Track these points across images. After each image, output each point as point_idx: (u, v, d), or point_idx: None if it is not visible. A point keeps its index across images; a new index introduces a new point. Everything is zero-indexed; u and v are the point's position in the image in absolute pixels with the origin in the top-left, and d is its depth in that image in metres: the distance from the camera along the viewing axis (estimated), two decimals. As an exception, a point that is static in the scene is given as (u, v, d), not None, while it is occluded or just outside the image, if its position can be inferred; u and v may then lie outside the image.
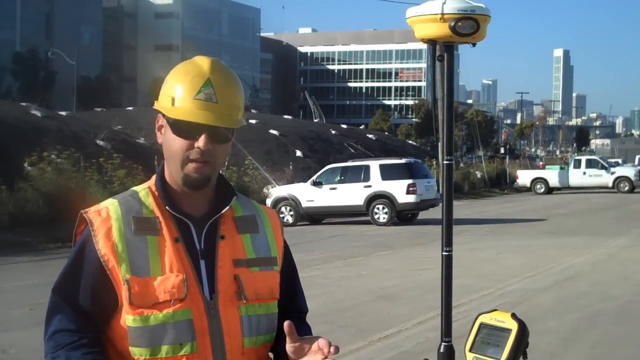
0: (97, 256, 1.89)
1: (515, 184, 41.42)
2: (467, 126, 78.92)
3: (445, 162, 2.31)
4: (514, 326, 2.05)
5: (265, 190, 25.90)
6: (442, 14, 2.17)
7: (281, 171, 30.65)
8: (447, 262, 2.29)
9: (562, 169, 40.37)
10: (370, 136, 51.49)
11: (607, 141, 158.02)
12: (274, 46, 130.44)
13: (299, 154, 37.75)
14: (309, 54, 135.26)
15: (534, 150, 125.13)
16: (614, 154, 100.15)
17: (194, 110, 1.89)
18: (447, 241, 2.29)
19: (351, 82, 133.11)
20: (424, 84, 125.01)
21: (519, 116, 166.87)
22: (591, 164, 38.75)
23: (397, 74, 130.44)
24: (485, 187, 41.35)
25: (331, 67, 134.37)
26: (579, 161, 39.59)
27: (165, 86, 1.97)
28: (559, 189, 39.10)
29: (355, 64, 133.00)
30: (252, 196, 22.29)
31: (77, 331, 1.87)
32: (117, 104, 70.31)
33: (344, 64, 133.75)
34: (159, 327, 1.86)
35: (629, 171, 39.25)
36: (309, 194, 22.76)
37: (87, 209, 1.97)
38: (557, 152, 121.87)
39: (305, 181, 24.40)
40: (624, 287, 10.99)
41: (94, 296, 1.89)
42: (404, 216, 22.78)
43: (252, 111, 51.72)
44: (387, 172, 22.28)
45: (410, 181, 21.99)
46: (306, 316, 2.17)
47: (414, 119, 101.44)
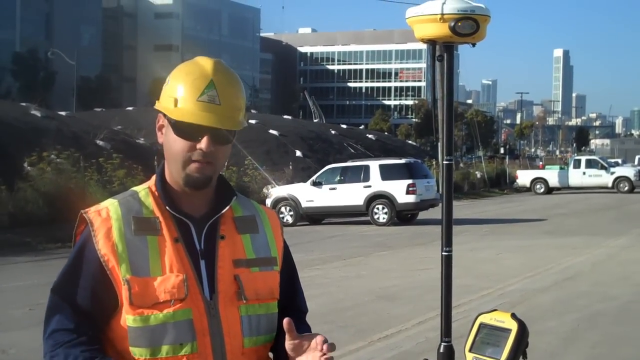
0: (97, 256, 1.89)
1: (515, 184, 41.40)
2: (467, 126, 78.93)
3: (445, 162, 2.31)
4: (513, 326, 2.05)
5: (265, 190, 25.89)
6: (442, 14, 2.17)
7: (281, 171, 30.64)
8: (447, 262, 2.30)
9: (561, 169, 40.36)
10: (370, 136, 51.49)
11: (607, 141, 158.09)
12: (273, 46, 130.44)
13: (298, 154, 37.74)
14: (308, 54, 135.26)
15: (533, 150, 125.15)
16: (613, 154, 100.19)
17: (197, 112, 1.89)
18: (447, 241, 2.30)
19: (351, 82, 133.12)
20: (423, 84, 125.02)
21: (518, 116, 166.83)
22: (591, 164, 38.74)
23: (396, 74, 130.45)
24: (485, 187, 41.33)
25: (331, 67, 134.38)
26: (579, 161, 39.58)
27: (167, 87, 1.96)
28: (558, 189, 39.09)
29: (355, 64, 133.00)
30: (252, 196, 22.28)
31: (76, 330, 1.87)
32: (116, 104, 70.26)
33: (343, 64, 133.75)
34: (159, 327, 1.86)
35: (628, 171, 39.24)
36: (309, 194, 22.75)
37: (87, 209, 1.97)
38: (557, 152, 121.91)
39: (305, 181, 24.39)
40: (624, 287, 11.00)
41: (93, 296, 1.89)
42: (403, 216, 22.78)
43: (252, 111, 51.72)
44: (387, 172, 22.28)
45: (410, 181, 21.98)
46: (306, 316, 2.18)
47: (414, 119, 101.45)
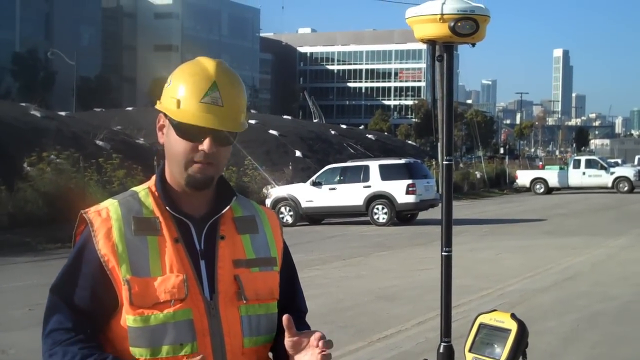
0: (97, 256, 1.89)
1: (514, 184, 41.41)
2: (467, 126, 78.96)
3: (444, 162, 2.31)
4: (513, 326, 2.05)
5: (264, 190, 25.88)
6: (442, 14, 2.17)
7: (281, 171, 30.64)
8: (447, 263, 2.30)
9: (561, 169, 40.36)
10: (369, 136, 51.50)
11: (607, 141, 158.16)
12: (273, 46, 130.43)
13: (298, 154, 37.74)
14: (308, 54, 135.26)
15: (533, 150, 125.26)
16: (613, 154, 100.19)
17: (200, 113, 1.89)
18: (447, 241, 2.30)
19: (351, 82, 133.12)
20: (423, 84, 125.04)
21: (518, 116, 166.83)
22: (591, 164, 38.74)
23: (396, 74, 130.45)
24: (484, 188, 41.33)
25: (331, 67, 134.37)
26: (579, 161, 39.58)
27: (169, 87, 1.96)
28: (558, 189, 39.09)
29: (354, 64, 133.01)
30: (252, 196, 22.29)
31: (74, 329, 1.88)
32: (116, 104, 70.23)
33: (343, 64, 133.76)
34: (160, 327, 1.86)
35: (628, 171, 39.24)
36: (309, 194, 22.75)
37: (87, 209, 1.97)
38: (557, 152, 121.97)
39: (304, 181, 24.38)
40: (624, 287, 11.00)
41: (93, 296, 1.89)
42: (403, 216, 22.78)
43: (252, 111, 51.72)
44: (387, 173, 22.27)
45: (409, 181, 21.98)
46: (306, 316, 2.18)
47: (414, 119, 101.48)
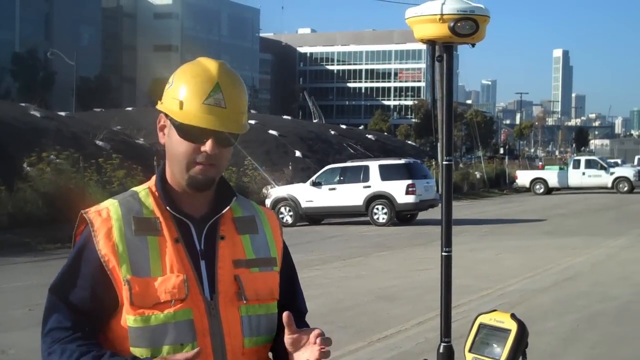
0: (97, 256, 1.89)
1: (514, 184, 41.41)
2: (467, 126, 78.98)
3: (444, 162, 2.31)
4: (513, 326, 2.05)
5: (264, 190, 25.89)
6: (442, 15, 2.17)
7: (280, 171, 30.63)
8: (447, 263, 2.30)
9: (561, 169, 40.36)
10: (369, 136, 51.50)
11: (607, 141, 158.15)
12: (273, 46, 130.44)
13: (298, 154, 37.74)
14: (308, 55, 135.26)
15: (533, 150, 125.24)
16: (613, 154, 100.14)
17: (203, 115, 1.89)
18: (447, 241, 2.30)
19: (350, 82, 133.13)
20: (423, 84, 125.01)
21: (518, 116, 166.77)
22: (590, 165, 38.74)
23: (396, 74, 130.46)
24: (484, 188, 41.33)
25: (330, 67, 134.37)
26: (578, 161, 39.57)
27: (170, 88, 1.95)
28: (558, 189, 39.10)
29: (354, 64, 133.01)
30: (252, 197, 22.30)
31: (73, 328, 1.88)
32: (116, 104, 70.20)
33: (343, 65, 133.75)
34: (160, 327, 1.86)
35: (628, 171, 39.24)
36: (309, 195, 22.75)
37: (87, 209, 1.97)
38: (557, 153, 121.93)
39: (304, 181, 24.38)
40: (624, 288, 11.00)
41: (93, 296, 1.89)
42: (403, 216, 22.78)
43: (252, 111, 51.72)
44: (387, 173, 22.28)
45: (409, 181, 21.98)
46: (305, 316, 2.18)
47: (413, 120, 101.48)
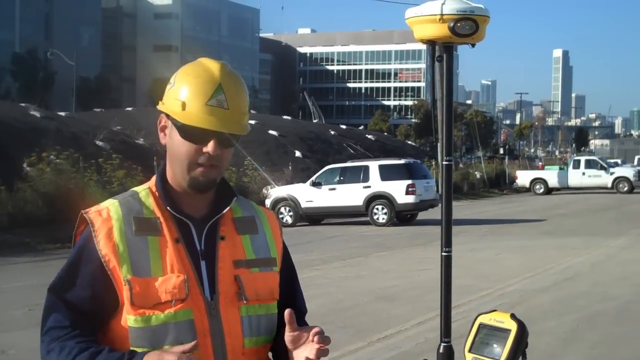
0: (97, 256, 1.89)
1: (514, 184, 41.41)
2: (467, 127, 79.01)
3: (444, 162, 2.31)
4: (513, 327, 2.05)
5: (264, 190, 25.89)
6: (442, 15, 2.18)
7: (280, 172, 30.63)
8: (447, 263, 2.30)
9: (561, 169, 40.37)
10: (369, 137, 51.50)
11: (607, 142, 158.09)
12: (273, 47, 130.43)
13: (298, 154, 37.73)
14: (308, 55, 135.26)
15: (533, 150, 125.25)
16: (613, 154, 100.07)
17: (205, 116, 1.89)
18: (447, 241, 2.30)
19: (350, 82, 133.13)
20: (423, 84, 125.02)
21: (518, 116, 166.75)
22: (590, 165, 38.74)
23: (396, 74, 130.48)
24: (484, 188, 41.33)
25: (330, 67, 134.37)
26: (578, 162, 39.57)
27: (172, 89, 1.95)
28: (558, 189, 39.10)
29: (354, 64, 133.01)
30: (252, 197, 22.30)
31: (72, 327, 1.88)
32: (116, 104, 70.18)
33: (343, 65, 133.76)
34: (161, 327, 1.86)
35: (628, 172, 39.23)
36: (308, 195, 22.75)
37: (87, 209, 1.97)
38: (557, 153, 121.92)
39: (304, 182, 24.38)
40: (623, 288, 11.00)
41: (92, 296, 1.89)
42: (403, 217, 22.78)
43: (252, 112, 51.65)
44: (387, 173, 22.28)
45: (409, 182, 21.98)
46: (305, 317, 2.18)
47: (413, 120, 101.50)
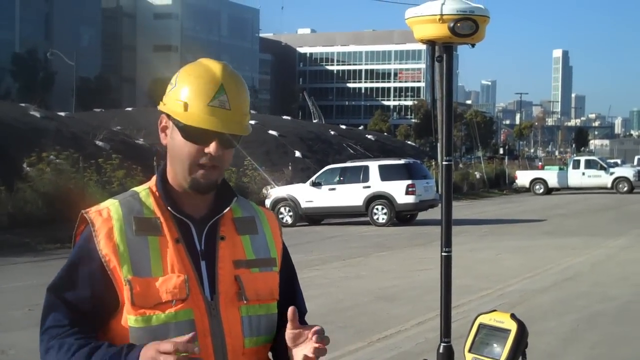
0: (98, 256, 1.89)
1: (514, 184, 41.40)
2: (466, 127, 78.99)
3: (444, 162, 2.31)
4: (513, 327, 2.05)
5: (264, 190, 25.89)
6: (441, 15, 2.18)
7: (280, 172, 30.63)
8: (447, 263, 2.30)
9: (561, 169, 40.36)
10: (369, 137, 51.50)
11: (606, 142, 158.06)
12: (273, 47, 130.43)
13: (298, 154, 37.74)
14: (308, 55, 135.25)
15: (533, 150, 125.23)
16: (613, 154, 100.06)
17: (208, 117, 1.89)
18: (447, 242, 2.30)
19: (350, 82, 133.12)
20: (423, 84, 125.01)
21: (518, 117, 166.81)
22: (590, 165, 38.74)
23: (396, 74, 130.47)
24: (484, 188, 41.32)
25: (330, 67, 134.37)
26: (578, 162, 39.57)
27: (174, 89, 1.95)
28: (558, 189, 39.09)
29: (354, 64, 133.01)
30: (251, 197, 22.31)
31: (71, 325, 1.88)
32: (116, 104, 70.13)
33: (343, 65, 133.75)
34: (161, 327, 1.86)
35: (628, 172, 39.23)
36: (308, 195, 22.74)
37: (87, 209, 1.97)
38: (556, 153, 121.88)
39: (304, 182, 24.37)
40: (623, 288, 11.00)
41: (92, 296, 1.89)
42: (403, 217, 22.78)
43: (252, 112, 51.61)
44: (386, 173, 22.28)
45: (409, 182, 21.98)
46: (305, 317, 2.18)
47: (413, 120, 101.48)
